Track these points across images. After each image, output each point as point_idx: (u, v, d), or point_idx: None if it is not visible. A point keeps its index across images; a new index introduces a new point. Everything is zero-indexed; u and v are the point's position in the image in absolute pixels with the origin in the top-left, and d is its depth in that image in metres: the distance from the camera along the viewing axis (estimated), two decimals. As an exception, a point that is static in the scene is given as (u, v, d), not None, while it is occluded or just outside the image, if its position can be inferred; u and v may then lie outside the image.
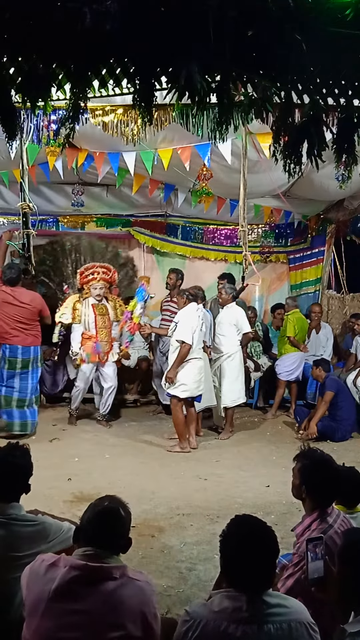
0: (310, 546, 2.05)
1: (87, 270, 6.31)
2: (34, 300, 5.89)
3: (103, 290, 6.29)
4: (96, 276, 6.30)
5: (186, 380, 5.56)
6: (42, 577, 1.80)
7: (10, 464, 2.40)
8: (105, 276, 6.37)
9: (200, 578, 3.24)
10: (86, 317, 6.20)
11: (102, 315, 6.25)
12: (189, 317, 5.60)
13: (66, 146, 5.28)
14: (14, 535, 2.23)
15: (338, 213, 7.86)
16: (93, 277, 6.30)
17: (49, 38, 2.06)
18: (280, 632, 1.63)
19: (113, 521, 1.91)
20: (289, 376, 7.01)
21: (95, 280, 6.28)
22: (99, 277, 6.31)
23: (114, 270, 6.54)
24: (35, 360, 5.91)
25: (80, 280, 6.34)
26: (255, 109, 2.33)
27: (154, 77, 2.22)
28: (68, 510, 3.88)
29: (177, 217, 8.14)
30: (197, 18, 1.97)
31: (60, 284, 6.89)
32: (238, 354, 6.17)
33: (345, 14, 2.04)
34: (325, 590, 2.09)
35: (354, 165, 2.68)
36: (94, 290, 6.25)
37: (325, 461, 2.44)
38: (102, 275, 6.33)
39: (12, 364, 5.76)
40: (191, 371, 5.60)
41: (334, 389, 6.09)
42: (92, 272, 6.31)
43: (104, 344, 6.22)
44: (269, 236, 8.39)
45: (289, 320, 7.04)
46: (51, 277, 7.02)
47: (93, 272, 6.31)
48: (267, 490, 4.63)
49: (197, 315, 5.67)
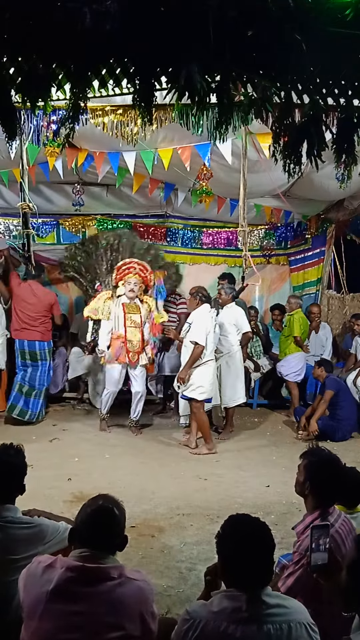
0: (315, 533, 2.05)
1: (125, 265, 6.14)
2: (47, 295, 6.46)
3: (137, 287, 6.07)
4: (132, 271, 6.10)
5: (203, 382, 5.58)
6: (39, 579, 1.80)
7: (4, 463, 2.39)
8: (142, 273, 6.16)
9: (200, 578, 3.23)
10: (115, 315, 6.04)
11: (132, 314, 6.06)
12: (202, 318, 5.62)
13: (66, 146, 5.29)
14: (10, 538, 2.23)
15: (338, 213, 7.86)
16: (129, 270, 6.10)
17: (49, 38, 2.06)
18: (280, 633, 1.63)
19: (107, 521, 1.90)
20: (297, 377, 6.97)
21: (131, 274, 6.08)
22: (134, 272, 6.10)
23: (151, 271, 6.30)
24: (42, 354, 6.39)
25: (116, 275, 6.16)
26: (255, 109, 2.33)
27: (154, 77, 2.21)
28: (68, 510, 3.88)
29: (177, 217, 8.13)
30: (197, 18, 1.97)
31: (93, 281, 6.70)
32: (238, 353, 6.18)
33: (345, 14, 2.03)
34: (327, 578, 2.08)
35: (354, 165, 2.67)
36: (128, 286, 6.04)
37: (332, 460, 2.45)
38: (137, 271, 6.13)
39: (22, 355, 6.36)
40: (208, 373, 5.62)
41: (334, 388, 6.11)
42: (129, 267, 6.13)
43: (134, 343, 6.03)
44: (270, 237, 8.39)
45: (295, 319, 6.93)
46: (83, 274, 6.83)
47: (129, 267, 6.13)
48: (267, 490, 4.64)
49: (211, 316, 5.69)
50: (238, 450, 5.74)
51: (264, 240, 8.37)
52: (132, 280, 6.06)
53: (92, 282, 6.68)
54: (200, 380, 5.56)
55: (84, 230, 7.87)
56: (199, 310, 5.69)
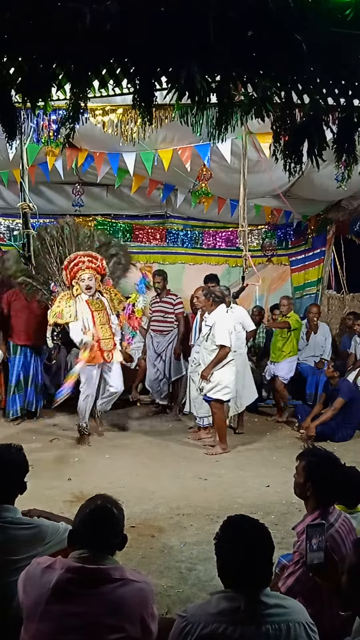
0: (310, 531, 2.05)
1: (71, 262, 5.76)
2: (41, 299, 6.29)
3: (93, 282, 5.70)
4: (81, 266, 5.73)
5: (227, 383, 5.60)
6: (39, 580, 1.79)
7: (5, 461, 2.39)
8: (92, 265, 5.79)
9: (200, 578, 3.24)
10: (82, 315, 5.62)
11: (98, 310, 5.70)
12: (223, 319, 5.62)
13: (66, 146, 5.28)
14: (10, 539, 2.23)
15: (338, 213, 7.86)
16: (78, 267, 5.73)
17: (49, 38, 2.06)
18: (279, 633, 1.63)
19: (106, 521, 1.90)
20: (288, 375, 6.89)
21: (81, 271, 5.72)
22: (84, 266, 5.74)
23: (101, 258, 5.93)
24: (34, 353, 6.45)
25: (67, 275, 5.78)
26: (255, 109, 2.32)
27: (154, 77, 2.21)
28: (68, 510, 3.87)
29: (177, 218, 8.13)
30: (197, 18, 1.97)
31: (46, 282, 6.05)
32: (245, 352, 6.25)
33: (345, 14, 2.03)
34: (324, 577, 2.08)
35: (354, 165, 2.67)
36: (83, 283, 5.66)
37: (331, 458, 2.46)
38: (87, 264, 5.76)
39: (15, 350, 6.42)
40: (231, 373, 5.65)
41: (346, 397, 6.01)
42: (77, 262, 5.75)
43: (107, 341, 5.67)
44: (270, 237, 8.39)
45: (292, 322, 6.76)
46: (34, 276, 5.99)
47: (77, 262, 5.75)
48: (267, 490, 4.64)
49: (229, 316, 5.70)
50: (238, 451, 5.74)
51: (265, 241, 8.37)
52: (84, 275, 5.70)
53: (46, 284, 6.03)
54: (225, 381, 5.58)
55: None
56: (216, 312, 5.66)
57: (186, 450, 5.70)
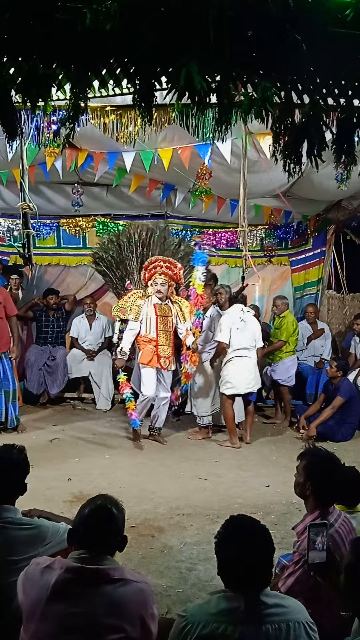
0: (312, 531, 2.05)
1: (151, 264, 5.84)
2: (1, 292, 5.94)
3: (165, 287, 5.75)
4: (158, 270, 5.80)
5: (230, 378, 5.77)
6: (38, 580, 1.79)
7: (7, 462, 2.39)
8: (169, 271, 5.83)
9: (200, 578, 3.24)
10: (147, 317, 5.71)
11: (164, 316, 5.76)
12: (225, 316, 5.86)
13: (66, 146, 5.28)
14: (10, 539, 2.22)
15: (338, 213, 7.86)
16: (155, 270, 5.81)
17: (49, 38, 2.06)
18: (279, 632, 1.63)
19: (106, 521, 1.89)
20: (291, 381, 6.81)
21: (157, 274, 5.78)
22: (160, 270, 5.79)
23: (180, 267, 5.92)
24: None
25: (144, 275, 5.88)
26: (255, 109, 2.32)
27: (154, 77, 2.21)
28: (68, 510, 3.88)
29: (177, 218, 8.13)
30: (197, 18, 1.97)
31: (122, 279, 6.17)
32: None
33: (345, 14, 2.03)
34: (325, 577, 2.08)
35: (354, 165, 2.67)
36: (155, 286, 5.73)
37: (331, 457, 2.46)
38: (164, 269, 5.82)
39: None
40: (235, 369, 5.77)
41: (346, 397, 6.01)
42: (155, 265, 5.83)
43: (165, 348, 5.74)
44: (270, 237, 8.39)
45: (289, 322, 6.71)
46: (113, 270, 6.23)
47: (156, 265, 5.82)
48: (267, 490, 4.64)
49: (238, 316, 5.81)
50: (238, 451, 5.74)
51: (264, 240, 8.37)
52: (158, 280, 5.76)
53: (122, 280, 6.18)
54: (227, 376, 5.77)
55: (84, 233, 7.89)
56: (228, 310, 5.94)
57: (186, 450, 5.70)
